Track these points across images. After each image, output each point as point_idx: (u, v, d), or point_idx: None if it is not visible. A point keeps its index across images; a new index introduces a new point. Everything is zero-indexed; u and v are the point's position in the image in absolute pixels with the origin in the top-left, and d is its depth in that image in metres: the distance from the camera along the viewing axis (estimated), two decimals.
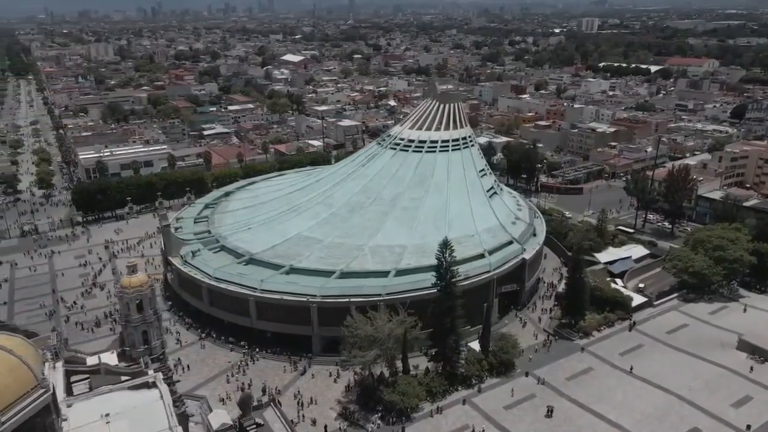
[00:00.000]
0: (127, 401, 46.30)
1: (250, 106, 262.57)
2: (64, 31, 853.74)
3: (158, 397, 46.49)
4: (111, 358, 55.55)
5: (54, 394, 41.97)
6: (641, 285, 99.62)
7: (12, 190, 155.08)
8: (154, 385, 48.83)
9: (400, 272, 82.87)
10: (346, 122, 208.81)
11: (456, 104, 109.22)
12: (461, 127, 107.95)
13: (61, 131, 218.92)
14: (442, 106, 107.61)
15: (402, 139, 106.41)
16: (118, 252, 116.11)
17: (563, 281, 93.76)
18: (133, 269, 57.88)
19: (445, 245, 68.23)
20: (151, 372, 52.49)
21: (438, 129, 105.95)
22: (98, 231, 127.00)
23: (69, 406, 45.70)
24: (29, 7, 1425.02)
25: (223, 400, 70.22)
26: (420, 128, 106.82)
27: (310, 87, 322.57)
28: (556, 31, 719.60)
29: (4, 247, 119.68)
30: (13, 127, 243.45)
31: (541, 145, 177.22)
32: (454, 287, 69.64)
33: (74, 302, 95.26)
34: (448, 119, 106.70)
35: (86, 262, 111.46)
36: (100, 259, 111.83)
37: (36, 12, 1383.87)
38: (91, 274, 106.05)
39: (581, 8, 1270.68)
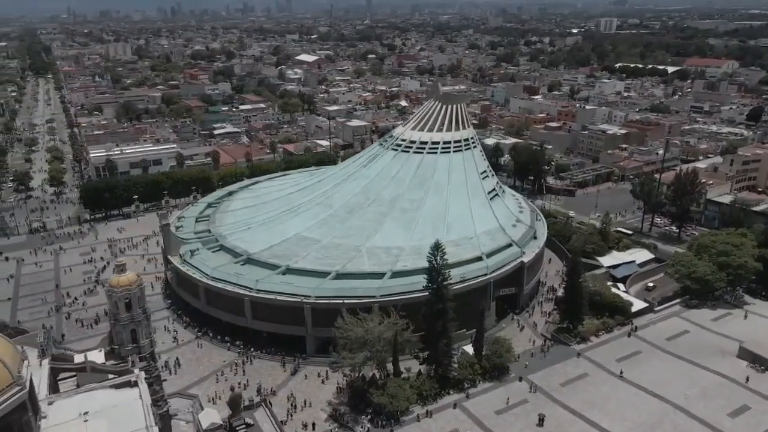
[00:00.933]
0: (107, 400, 46.63)
1: (262, 105, 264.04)
2: (85, 30, 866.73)
3: (138, 396, 46.71)
4: (98, 357, 56.04)
5: (32, 391, 42.44)
6: (651, 284, 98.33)
7: (24, 188, 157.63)
8: (136, 384, 49.13)
9: (396, 274, 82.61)
10: (355, 122, 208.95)
11: (459, 105, 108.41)
12: (464, 128, 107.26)
13: (75, 129, 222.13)
14: (444, 107, 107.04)
15: (404, 140, 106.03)
16: (124, 249, 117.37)
17: (562, 285, 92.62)
18: (122, 268, 58.20)
19: (437, 248, 67.74)
20: (136, 371, 52.87)
21: (440, 130, 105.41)
22: (104, 229, 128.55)
23: (50, 403, 46.16)
24: (53, 7, 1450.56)
25: (212, 399, 70.41)
26: (422, 129, 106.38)
27: (323, 87, 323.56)
28: (574, 31, 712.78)
29: (13, 244, 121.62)
30: (29, 126, 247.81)
31: (550, 146, 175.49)
32: (445, 290, 69.06)
33: (75, 299, 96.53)
34: (451, 120, 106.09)
35: (91, 259, 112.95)
36: (101, 258, 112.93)
37: (59, 12, 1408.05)
38: (94, 271, 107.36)
39: (600, 8, 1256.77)
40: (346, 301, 77.16)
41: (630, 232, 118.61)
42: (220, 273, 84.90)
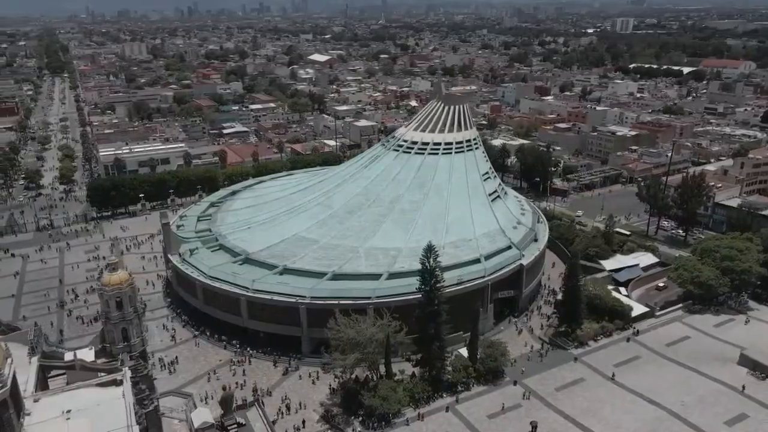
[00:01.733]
0: (91, 398, 46.92)
1: (272, 105, 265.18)
2: (103, 30, 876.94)
3: (121, 395, 46.97)
4: (88, 355, 56.50)
5: (15, 389, 42.89)
6: (661, 284, 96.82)
7: (34, 185, 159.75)
8: (121, 382, 49.42)
9: (392, 275, 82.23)
10: (362, 122, 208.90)
11: (462, 106, 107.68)
12: (466, 129, 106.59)
13: (87, 128, 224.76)
14: (447, 107, 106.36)
15: (405, 141, 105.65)
16: (130, 247, 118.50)
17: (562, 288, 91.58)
18: (113, 267, 58.72)
19: (430, 250, 67.36)
20: (125, 369, 53.23)
21: (442, 131, 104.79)
22: (110, 227, 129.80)
23: (36, 401, 46.60)
24: (72, 7, 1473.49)
25: (204, 399, 70.61)
26: (424, 130, 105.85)
27: (334, 87, 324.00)
28: (589, 31, 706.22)
29: (20, 241, 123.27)
30: (43, 124, 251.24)
31: (559, 148, 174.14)
32: (438, 292, 68.58)
33: (76, 296, 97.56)
34: (453, 121, 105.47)
35: (96, 256, 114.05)
36: (104, 257, 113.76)
37: (79, 11, 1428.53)
38: (98, 269, 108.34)
39: (618, 8, 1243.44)
40: (341, 302, 76.93)
41: (629, 233, 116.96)
42: (217, 272, 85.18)
